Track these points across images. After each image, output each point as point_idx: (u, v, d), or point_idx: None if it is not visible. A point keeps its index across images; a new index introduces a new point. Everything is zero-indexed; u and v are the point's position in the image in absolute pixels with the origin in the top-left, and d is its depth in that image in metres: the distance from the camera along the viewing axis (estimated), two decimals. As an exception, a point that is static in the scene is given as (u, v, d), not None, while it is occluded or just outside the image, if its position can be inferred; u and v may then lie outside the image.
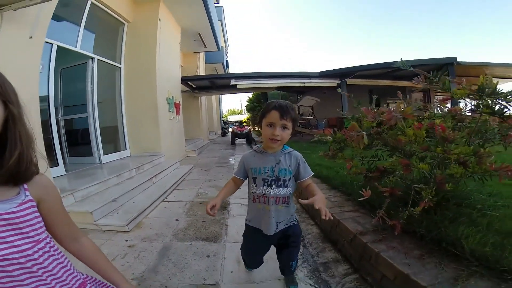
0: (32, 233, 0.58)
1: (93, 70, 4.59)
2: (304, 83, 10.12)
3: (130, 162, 4.64)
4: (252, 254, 1.54)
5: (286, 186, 1.29)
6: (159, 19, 5.68)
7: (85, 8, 4.26)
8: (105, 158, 4.58)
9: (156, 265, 1.84)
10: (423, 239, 1.45)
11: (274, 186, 1.28)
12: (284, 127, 1.21)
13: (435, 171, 1.43)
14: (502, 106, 1.34)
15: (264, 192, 1.29)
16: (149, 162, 4.46)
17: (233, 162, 6.32)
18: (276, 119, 1.19)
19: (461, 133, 1.46)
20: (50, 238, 0.65)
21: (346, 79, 10.13)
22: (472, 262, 1.21)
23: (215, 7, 10.25)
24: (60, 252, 0.66)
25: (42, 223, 0.63)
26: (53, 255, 0.62)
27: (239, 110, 50.27)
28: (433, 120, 1.46)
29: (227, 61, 17.15)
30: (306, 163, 1.33)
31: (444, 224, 1.40)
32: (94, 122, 4.53)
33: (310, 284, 1.61)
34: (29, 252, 0.57)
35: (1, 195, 0.57)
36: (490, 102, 1.34)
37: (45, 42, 2.99)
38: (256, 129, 18.40)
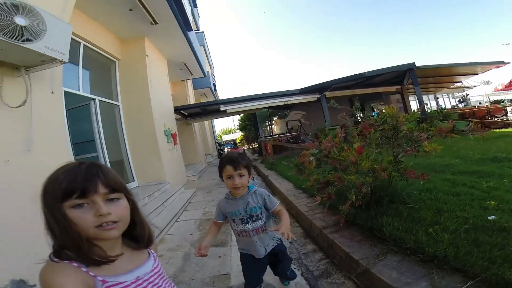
0: (167, 284, 0.81)
1: (96, 110, 5.02)
2: (287, 101, 10.97)
3: (140, 191, 5.17)
4: (252, 274, 1.68)
5: (260, 219, 1.54)
6: (147, 55, 6.23)
7: (79, 51, 4.62)
8: (117, 190, 5.12)
9: (183, 266, 2.44)
10: (363, 228, 2.12)
11: (250, 222, 1.53)
12: (240, 175, 1.45)
13: (365, 178, 2.12)
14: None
15: (244, 229, 1.54)
16: (158, 190, 5.03)
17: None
18: (232, 172, 1.43)
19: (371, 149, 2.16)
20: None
21: (324, 93, 11.02)
22: (390, 242, 1.84)
23: (196, 33, 10.92)
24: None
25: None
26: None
27: (233, 128, 51.19)
28: (357, 145, 2.16)
29: (214, 84, 18.00)
30: (270, 196, 1.59)
31: (376, 216, 2.08)
32: (105, 159, 5.07)
33: (294, 267, 2.23)
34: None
35: (140, 259, 0.79)
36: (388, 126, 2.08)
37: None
38: (251, 147, 18.95)
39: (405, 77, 11.42)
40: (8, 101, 2.02)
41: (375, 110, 16.58)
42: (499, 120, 10.15)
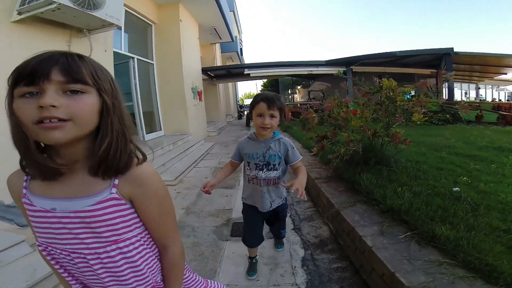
0: (107, 234, 0.55)
1: (135, 68, 5.60)
2: (311, 71, 10.82)
3: (165, 139, 5.78)
4: (251, 228, 1.62)
5: (276, 170, 1.41)
6: (180, 20, 6.52)
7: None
8: (147, 136, 5.76)
9: (195, 201, 2.96)
10: (348, 181, 2.45)
11: (265, 169, 1.40)
12: (272, 116, 1.32)
13: (353, 135, 2.40)
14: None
15: (256, 175, 1.42)
16: (181, 139, 5.59)
17: (246, 141, 7.40)
18: (264, 110, 1.30)
19: (368, 112, 2.40)
20: (142, 238, 0.62)
21: (351, 67, 10.68)
22: (363, 194, 2.18)
23: (227, -1, 10.83)
24: (146, 255, 0.62)
25: (131, 223, 0.59)
26: (128, 257, 0.58)
27: (255, 93, 51.29)
28: (354, 108, 2.41)
29: (241, 49, 17.76)
30: (294, 148, 1.44)
31: (359, 172, 2.39)
32: (138, 109, 5.65)
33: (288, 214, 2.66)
34: (99, 250, 0.55)
35: (87, 189, 0.54)
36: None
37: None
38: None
39: (442, 61, 10.65)
40: None
41: (407, 93, 15.79)
42: None
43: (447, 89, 9.48)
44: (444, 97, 9.69)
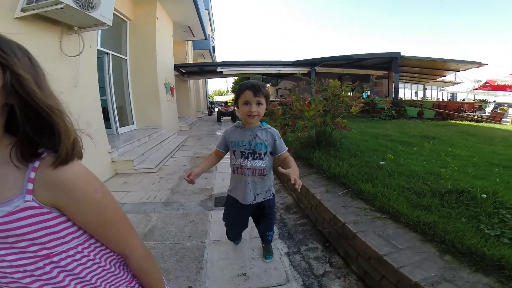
0: (32, 248, 0.44)
1: (109, 63, 5.64)
2: (279, 70, 11.48)
3: (138, 133, 5.92)
4: (231, 223, 1.62)
5: (262, 159, 1.37)
6: (157, 18, 6.67)
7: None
8: (120, 130, 5.85)
9: (178, 184, 3.33)
10: (305, 160, 3.07)
11: (250, 158, 1.37)
12: (258, 103, 1.30)
13: (307, 122, 3.01)
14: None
15: (241, 164, 1.38)
16: (155, 133, 5.81)
17: (219, 134, 7.79)
18: (251, 98, 1.27)
19: (320, 105, 3.03)
20: (86, 249, 0.51)
21: (315, 68, 11.56)
22: (315, 167, 2.79)
23: (203, -3, 10.98)
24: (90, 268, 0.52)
25: (64, 233, 0.47)
26: (69, 270, 0.48)
27: (225, 90, 51.50)
28: (308, 101, 3.02)
29: (213, 47, 17.87)
30: (281, 139, 1.42)
31: (313, 153, 3.00)
32: (112, 103, 5.72)
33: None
34: (29, 267, 0.45)
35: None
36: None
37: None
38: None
39: (392, 64, 12.06)
40: (66, 52, 2.70)
41: (365, 91, 17.44)
42: (465, 115, 11.22)
43: (393, 89, 10.81)
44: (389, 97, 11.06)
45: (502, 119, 10.67)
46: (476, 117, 11.01)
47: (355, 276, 1.60)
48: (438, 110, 11.58)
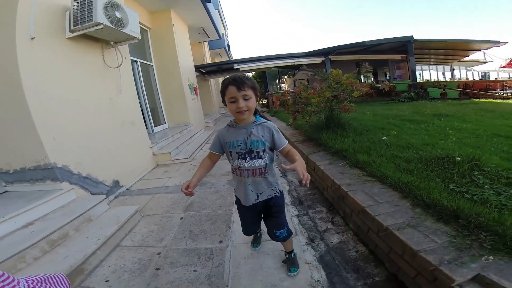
0: None
1: (139, 70, 6.33)
2: (294, 62, 11.66)
3: (170, 131, 6.58)
4: (243, 220, 1.57)
5: (261, 158, 1.27)
6: (173, 24, 7.20)
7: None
8: (155, 129, 6.56)
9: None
10: (315, 141, 3.42)
11: (248, 158, 1.27)
12: (245, 98, 1.19)
13: (314, 107, 3.36)
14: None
15: (239, 165, 1.29)
16: (185, 129, 6.44)
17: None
18: (235, 93, 1.17)
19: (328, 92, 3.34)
20: None
21: (329, 56, 11.58)
22: (323, 146, 3.14)
23: (211, -2, 11.40)
24: None
25: None
26: None
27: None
28: (314, 90, 3.35)
29: (228, 44, 18.33)
30: (280, 132, 1.30)
31: (322, 134, 3.34)
32: (146, 105, 6.43)
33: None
34: None
35: None
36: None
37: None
38: (261, 102, 20.13)
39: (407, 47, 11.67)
40: (109, 64, 3.29)
41: (388, 75, 17.03)
42: (494, 93, 10.63)
43: (410, 71, 10.51)
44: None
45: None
46: (505, 95, 10.37)
47: (352, 232, 1.97)
48: (463, 90, 11.06)
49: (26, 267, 1.72)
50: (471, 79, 23.84)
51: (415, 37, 10.12)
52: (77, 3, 2.75)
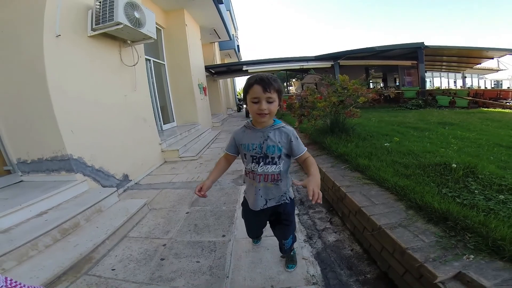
0: None
1: (151, 68, 6.49)
2: (302, 65, 11.74)
3: (178, 129, 6.75)
4: (248, 224, 1.53)
5: (275, 164, 1.22)
6: (186, 24, 7.36)
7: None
8: (164, 127, 6.74)
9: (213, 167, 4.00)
10: (319, 144, 3.51)
11: (262, 163, 1.22)
12: (269, 100, 1.13)
13: (319, 112, 3.45)
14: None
15: (252, 169, 1.25)
16: (193, 128, 6.60)
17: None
18: (260, 94, 1.11)
19: (335, 97, 3.44)
20: None
21: (338, 61, 11.62)
22: (327, 150, 3.23)
23: (223, -1, 11.57)
24: None
25: None
26: None
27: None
28: (320, 94, 3.45)
29: (238, 46, 18.53)
30: (299, 139, 1.25)
31: (326, 138, 3.43)
32: (156, 103, 6.60)
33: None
34: None
35: None
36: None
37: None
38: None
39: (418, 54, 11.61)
40: (125, 62, 3.46)
41: (397, 81, 16.93)
42: (504, 103, 10.50)
43: (420, 79, 10.47)
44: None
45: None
46: (516, 104, 10.23)
47: (348, 231, 2.06)
48: (472, 98, 10.96)
49: (37, 254, 1.81)
50: (482, 87, 23.47)
51: (428, 43, 10.10)
52: (99, 2, 2.89)
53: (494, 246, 1.25)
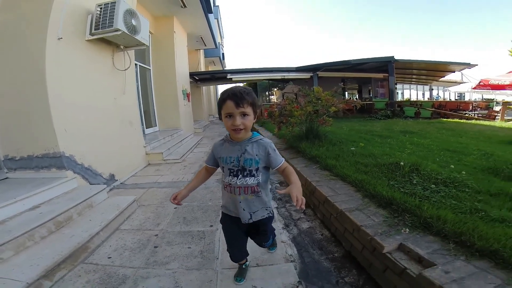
0: None
1: (137, 73, 6.58)
2: (284, 76, 12.33)
3: (161, 133, 6.82)
4: (232, 242, 1.47)
5: (253, 176, 1.23)
6: (174, 31, 7.57)
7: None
8: (146, 131, 6.80)
9: (198, 169, 4.22)
10: (295, 149, 3.89)
11: (240, 176, 1.23)
12: (243, 114, 1.13)
13: (296, 119, 3.85)
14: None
15: (230, 182, 1.25)
16: (176, 133, 6.74)
17: (229, 135, 8.76)
18: (233, 109, 1.11)
19: (310, 107, 3.84)
20: None
21: (317, 73, 12.34)
22: (302, 153, 3.62)
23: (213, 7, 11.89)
24: None
25: None
26: None
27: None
28: (297, 104, 3.85)
29: (223, 54, 18.90)
30: (276, 150, 1.26)
31: (301, 143, 3.82)
32: (140, 107, 6.67)
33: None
34: None
35: None
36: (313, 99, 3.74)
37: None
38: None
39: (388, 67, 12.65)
40: (117, 66, 3.64)
41: (371, 92, 18.07)
42: (463, 114, 11.69)
43: (389, 90, 11.43)
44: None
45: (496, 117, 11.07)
46: (473, 115, 11.46)
47: (319, 220, 2.41)
48: (435, 110, 12.11)
49: (34, 245, 1.87)
50: (448, 99, 25.65)
51: (397, 57, 11.08)
52: (100, 8, 3.05)
53: (426, 223, 1.63)
